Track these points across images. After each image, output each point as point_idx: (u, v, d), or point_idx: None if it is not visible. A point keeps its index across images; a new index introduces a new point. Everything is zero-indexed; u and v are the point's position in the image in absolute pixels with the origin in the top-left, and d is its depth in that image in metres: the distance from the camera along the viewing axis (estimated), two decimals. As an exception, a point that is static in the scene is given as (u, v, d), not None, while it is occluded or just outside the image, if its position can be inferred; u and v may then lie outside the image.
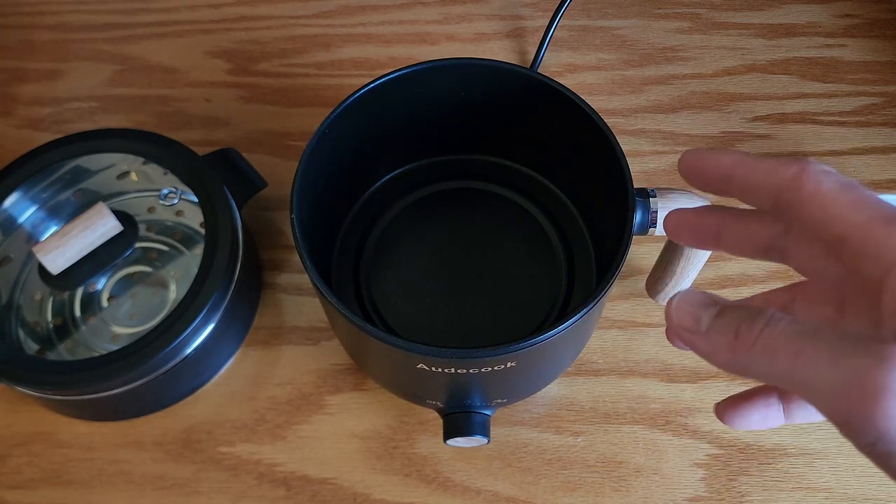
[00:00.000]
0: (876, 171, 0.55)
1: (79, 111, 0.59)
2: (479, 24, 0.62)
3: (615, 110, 0.57)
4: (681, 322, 0.24)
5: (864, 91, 0.58)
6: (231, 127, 0.58)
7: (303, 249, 0.36)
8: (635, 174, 0.37)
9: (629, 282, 0.51)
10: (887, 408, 0.18)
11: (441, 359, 0.34)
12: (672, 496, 0.44)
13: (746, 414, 0.28)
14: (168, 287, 0.51)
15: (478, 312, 0.44)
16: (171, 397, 0.47)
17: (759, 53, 0.60)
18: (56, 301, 0.50)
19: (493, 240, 0.46)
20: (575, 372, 0.48)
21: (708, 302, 0.24)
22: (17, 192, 0.48)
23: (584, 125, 0.39)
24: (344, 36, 0.62)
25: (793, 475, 0.45)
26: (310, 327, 0.50)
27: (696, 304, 0.24)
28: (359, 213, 0.48)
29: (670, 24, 0.62)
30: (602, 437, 0.46)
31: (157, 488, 0.45)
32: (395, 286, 0.45)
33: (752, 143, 0.56)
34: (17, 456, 0.47)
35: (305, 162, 0.38)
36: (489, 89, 0.42)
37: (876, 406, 0.19)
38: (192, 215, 0.52)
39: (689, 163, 0.27)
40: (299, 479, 0.46)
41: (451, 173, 0.49)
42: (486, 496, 0.45)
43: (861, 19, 0.61)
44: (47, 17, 0.64)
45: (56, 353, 0.48)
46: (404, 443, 0.46)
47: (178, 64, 0.61)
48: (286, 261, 0.52)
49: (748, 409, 0.28)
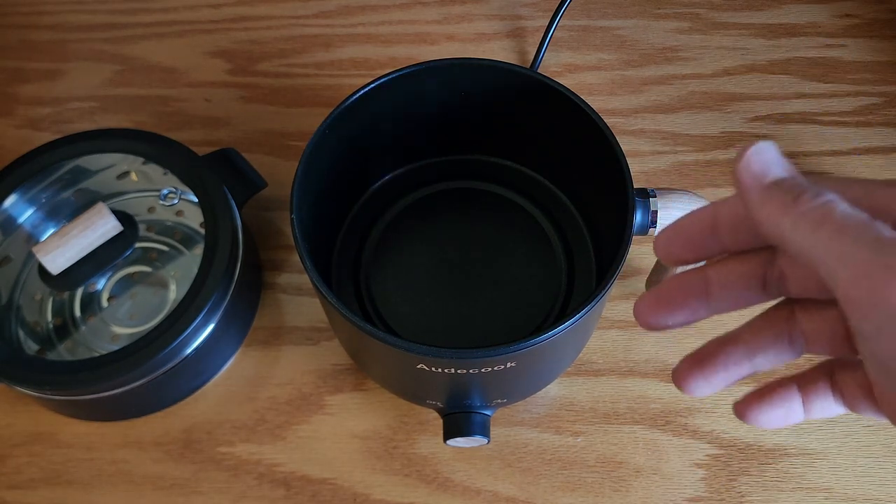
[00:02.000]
0: (876, 171, 0.55)
1: (79, 111, 0.59)
2: (479, 24, 0.62)
3: (615, 110, 0.57)
4: (749, 166, 0.24)
5: (864, 91, 0.58)
6: (231, 127, 0.58)
7: (303, 249, 0.36)
8: (635, 174, 0.37)
9: (629, 282, 0.51)
10: None
11: (441, 359, 0.34)
12: (672, 496, 0.44)
13: (769, 410, 0.27)
14: (168, 287, 0.51)
15: (478, 312, 0.44)
16: (171, 397, 0.47)
17: (759, 53, 0.60)
18: (56, 301, 0.50)
19: (493, 240, 0.46)
20: (575, 372, 0.48)
21: (781, 163, 0.24)
22: (16, 193, 0.48)
23: (584, 125, 0.39)
24: (344, 36, 0.62)
25: (793, 475, 0.45)
26: (310, 327, 0.50)
27: (771, 159, 0.24)
28: (359, 213, 0.48)
29: (670, 24, 0.62)
30: (602, 438, 0.46)
31: (157, 488, 0.45)
32: (395, 286, 0.45)
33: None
34: (17, 456, 0.47)
35: (305, 162, 0.38)
36: (489, 89, 0.42)
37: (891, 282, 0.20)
38: (192, 215, 0.52)
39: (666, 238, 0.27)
40: (299, 479, 0.46)
41: (452, 173, 0.49)
42: (486, 496, 0.45)
43: (861, 19, 0.61)
44: (47, 17, 0.64)
45: (56, 353, 0.48)
46: (404, 443, 0.46)
47: (178, 64, 0.61)
48: (286, 261, 0.52)
49: (770, 406, 0.27)
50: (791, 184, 0.24)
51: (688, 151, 0.56)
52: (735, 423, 0.46)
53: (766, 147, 0.24)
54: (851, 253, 0.21)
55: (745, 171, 0.24)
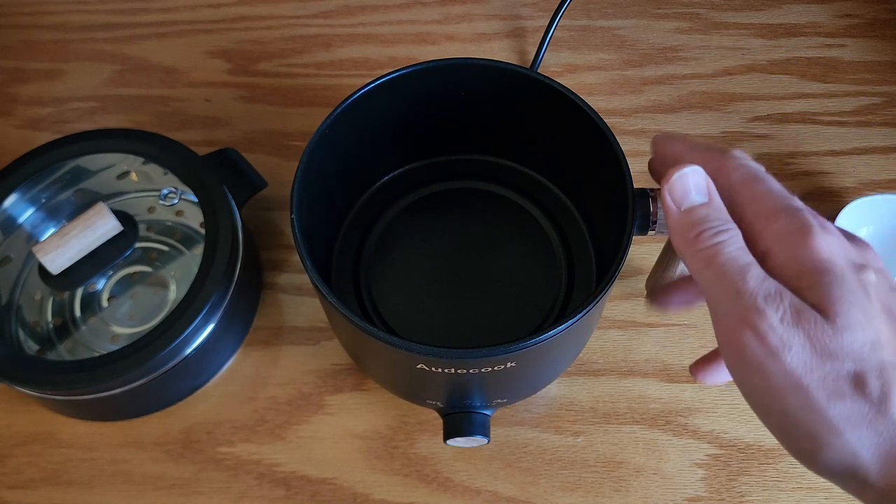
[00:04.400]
0: (876, 171, 0.55)
1: (79, 111, 0.59)
2: (479, 24, 0.62)
3: (615, 110, 0.57)
4: (672, 189, 0.28)
5: (864, 91, 0.58)
6: (231, 127, 0.58)
7: (303, 249, 0.36)
8: (635, 174, 0.37)
9: (629, 282, 0.51)
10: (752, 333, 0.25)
11: (441, 359, 0.34)
12: (672, 496, 0.44)
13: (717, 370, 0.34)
14: (168, 287, 0.51)
15: (478, 312, 0.44)
16: (171, 397, 0.47)
17: (759, 53, 0.60)
18: (56, 301, 0.50)
19: (493, 240, 0.46)
20: (575, 372, 0.48)
21: (701, 189, 0.28)
22: (16, 193, 0.48)
23: (584, 125, 0.39)
24: (344, 36, 0.62)
25: (793, 475, 0.45)
26: (310, 327, 0.50)
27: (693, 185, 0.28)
28: (359, 213, 0.48)
29: (670, 24, 0.62)
30: (602, 437, 0.46)
31: (157, 488, 0.45)
32: (395, 286, 0.45)
33: (752, 143, 0.56)
34: (17, 456, 0.47)
35: (305, 162, 0.38)
36: (489, 89, 0.42)
37: (743, 332, 0.26)
38: (192, 215, 0.52)
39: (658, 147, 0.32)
40: (299, 479, 0.46)
41: (451, 173, 0.49)
42: (486, 496, 0.45)
43: (861, 19, 0.61)
44: (47, 17, 0.64)
45: (56, 353, 0.48)
46: (404, 443, 0.46)
47: (178, 64, 0.61)
48: (286, 261, 0.52)
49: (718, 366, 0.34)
50: (697, 217, 0.28)
51: (688, 151, 0.56)
52: (735, 423, 0.46)
53: (689, 172, 0.28)
54: (722, 299, 0.26)
55: (668, 194, 0.28)
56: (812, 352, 0.25)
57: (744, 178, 0.28)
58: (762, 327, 0.25)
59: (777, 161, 0.55)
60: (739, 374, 0.27)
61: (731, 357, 0.27)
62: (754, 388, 0.26)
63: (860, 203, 0.49)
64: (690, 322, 0.49)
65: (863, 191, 0.54)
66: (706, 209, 0.28)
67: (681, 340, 0.49)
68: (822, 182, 0.54)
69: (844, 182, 0.54)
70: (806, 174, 0.54)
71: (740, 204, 0.28)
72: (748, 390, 0.27)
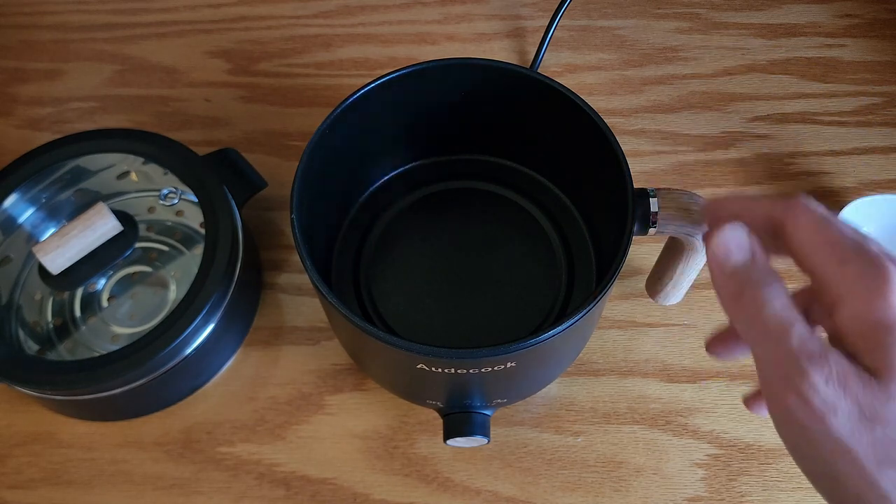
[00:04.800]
0: (876, 171, 0.55)
1: (79, 111, 0.59)
2: (479, 24, 0.62)
3: (615, 110, 0.57)
4: (716, 249, 0.28)
5: (864, 91, 0.58)
6: (231, 127, 0.58)
7: (303, 249, 0.36)
8: (635, 174, 0.37)
9: (629, 282, 0.51)
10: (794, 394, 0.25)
11: (441, 359, 0.34)
12: (672, 496, 0.44)
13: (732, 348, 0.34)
14: (168, 287, 0.51)
15: (478, 312, 0.44)
16: (171, 397, 0.47)
17: (759, 53, 0.60)
18: (56, 301, 0.50)
19: (493, 240, 0.46)
20: (575, 372, 0.48)
21: (745, 247, 0.28)
22: (16, 193, 0.48)
23: (584, 125, 0.39)
24: (344, 36, 0.62)
25: (793, 475, 0.45)
26: (310, 327, 0.50)
27: (738, 244, 0.28)
28: (359, 213, 0.48)
29: (670, 24, 0.62)
30: (602, 437, 0.46)
31: (157, 488, 0.45)
32: (396, 286, 0.45)
33: (752, 143, 0.56)
34: (17, 456, 0.47)
35: (305, 162, 0.38)
36: (489, 89, 0.42)
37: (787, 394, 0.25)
38: (192, 215, 0.52)
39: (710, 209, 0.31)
40: (299, 479, 0.46)
41: (452, 173, 0.49)
42: (486, 496, 0.45)
43: (861, 19, 0.61)
44: (47, 17, 0.64)
45: (56, 353, 0.48)
46: (404, 443, 0.46)
47: (178, 64, 0.61)
48: (286, 261, 0.52)
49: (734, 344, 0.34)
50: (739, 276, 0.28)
51: (688, 151, 0.56)
52: (735, 423, 0.46)
53: (729, 231, 0.28)
54: (766, 359, 0.26)
55: (713, 255, 0.28)
56: (860, 416, 0.24)
57: (812, 223, 0.27)
58: (806, 389, 0.24)
59: (777, 161, 0.55)
60: (787, 438, 0.26)
61: (777, 418, 0.26)
62: (802, 453, 0.26)
63: (860, 203, 0.49)
64: (690, 322, 0.49)
65: (863, 191, 0.54)
66: (748, 267, 0.27)
67: (681, 340, 0.49)
68: (822, 182, 0.54)
69: (844, 182, 0.54)
70: (806, 174, 0.54)
71: (810, 250, 0.27)
72: (799, 456, 0.26)
